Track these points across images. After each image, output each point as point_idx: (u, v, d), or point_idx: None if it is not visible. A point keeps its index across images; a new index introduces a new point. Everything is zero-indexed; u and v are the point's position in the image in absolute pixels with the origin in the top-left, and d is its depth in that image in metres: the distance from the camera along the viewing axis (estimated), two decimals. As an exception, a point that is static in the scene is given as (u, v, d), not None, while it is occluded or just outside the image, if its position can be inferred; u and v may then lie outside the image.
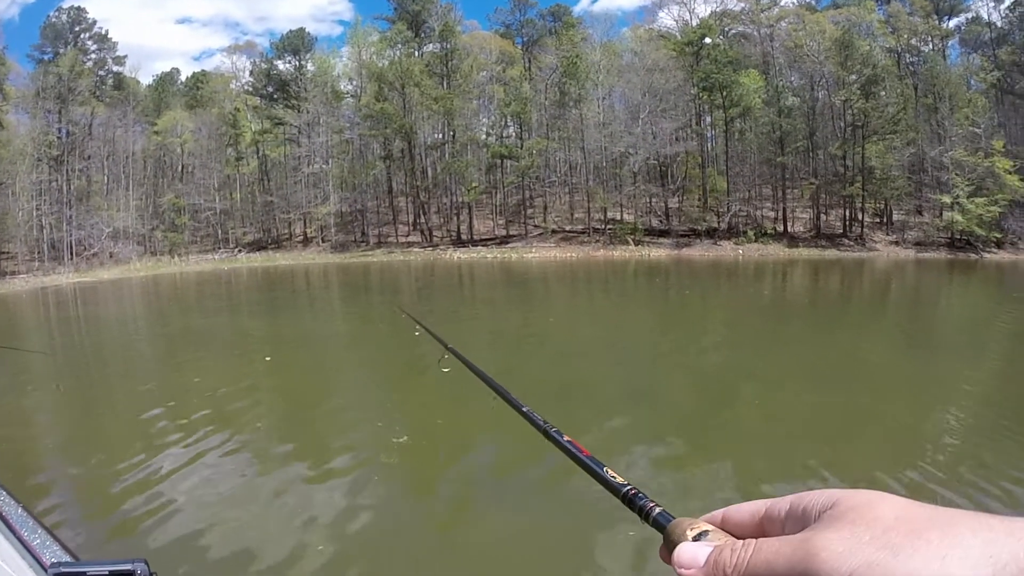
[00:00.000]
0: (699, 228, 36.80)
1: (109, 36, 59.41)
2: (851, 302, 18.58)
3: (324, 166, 44.13)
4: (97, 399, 7.74)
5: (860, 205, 41.23)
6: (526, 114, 39.28)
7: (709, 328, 12.46)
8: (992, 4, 52.21)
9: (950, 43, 50.94)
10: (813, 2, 46.68)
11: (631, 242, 35.59)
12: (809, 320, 13.71)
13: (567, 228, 38.10)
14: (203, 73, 61.01)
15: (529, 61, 42.70)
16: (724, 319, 13.90)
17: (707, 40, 39.44)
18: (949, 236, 41.21)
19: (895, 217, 43.34)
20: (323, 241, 41.96)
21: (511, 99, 39.89)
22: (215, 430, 5.32)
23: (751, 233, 37.14)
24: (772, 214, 39.68)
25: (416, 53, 44.36)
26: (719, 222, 36.77)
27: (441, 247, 37.99)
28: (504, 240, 37.97)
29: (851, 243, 40.76)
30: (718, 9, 41.85)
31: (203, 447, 4.86)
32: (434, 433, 5.25)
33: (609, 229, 36.47)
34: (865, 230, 41.48)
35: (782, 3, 44.85)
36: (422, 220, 39.95)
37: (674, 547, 0.37)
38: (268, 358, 10.33)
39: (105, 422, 6.03)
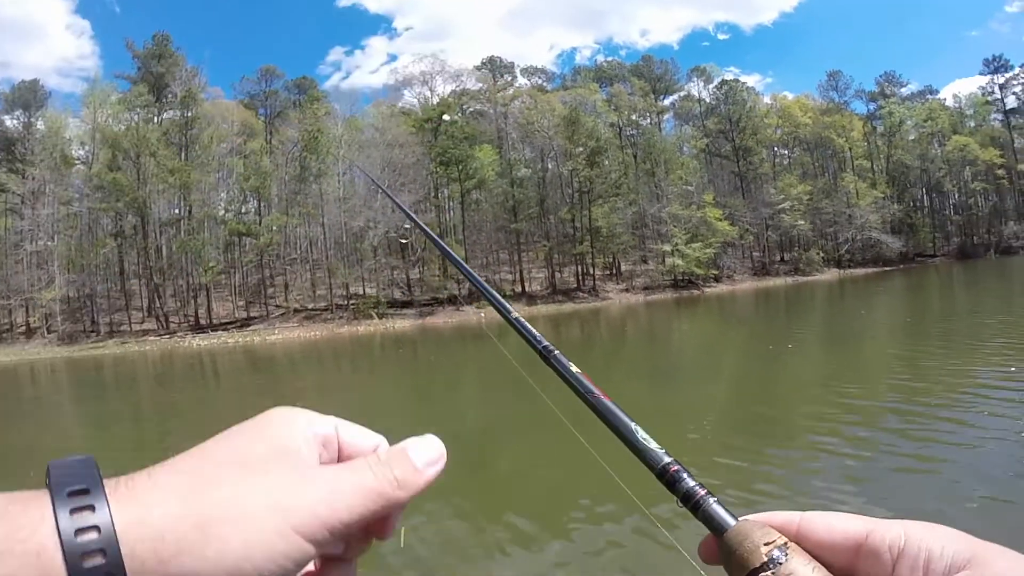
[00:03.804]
0: (441, 296, 39.21)
1: None
2: (593, 345, 20.59)
3: (49, 243, 39.27)
4: None
5: (591, 261, 47.30)
6: (266, 189, 38.90)
7: (458, 390, 13.22)
8: (702, 84, 63.97)
9: (666, 117, 61.34)
10: (544, 84, 53.55)
11: (375, 316, 36.76)
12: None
13: (310, 306, 38.22)
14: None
15: (271, 134, 42.35)
16: (474, 379, 14.73)
17: (446, 117, 42.71)
18: (673, 278, 48.52)
19: (623, 268, 50.58)
20: (48, 332, 37.06)
21: (251, 173, 39.24)
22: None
23: (492, 295, 40.65)
24: (510, 276, 43.89)
25: (156, 119, 41.68)
26: (459, 289, 39.57)
27: (179, 334, 35.76)
28: (245, 323, 36.89)
29: (585, 295, 46.18)
30: (458, 89, 45.70)
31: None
32: None
33: (352, 304, 37.34)
34: (597, 282, 47.53)
35: (516, 84, 50.82)
36: (157, 304, 37.28)
37: (736, 560, 0.26)
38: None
39: None
